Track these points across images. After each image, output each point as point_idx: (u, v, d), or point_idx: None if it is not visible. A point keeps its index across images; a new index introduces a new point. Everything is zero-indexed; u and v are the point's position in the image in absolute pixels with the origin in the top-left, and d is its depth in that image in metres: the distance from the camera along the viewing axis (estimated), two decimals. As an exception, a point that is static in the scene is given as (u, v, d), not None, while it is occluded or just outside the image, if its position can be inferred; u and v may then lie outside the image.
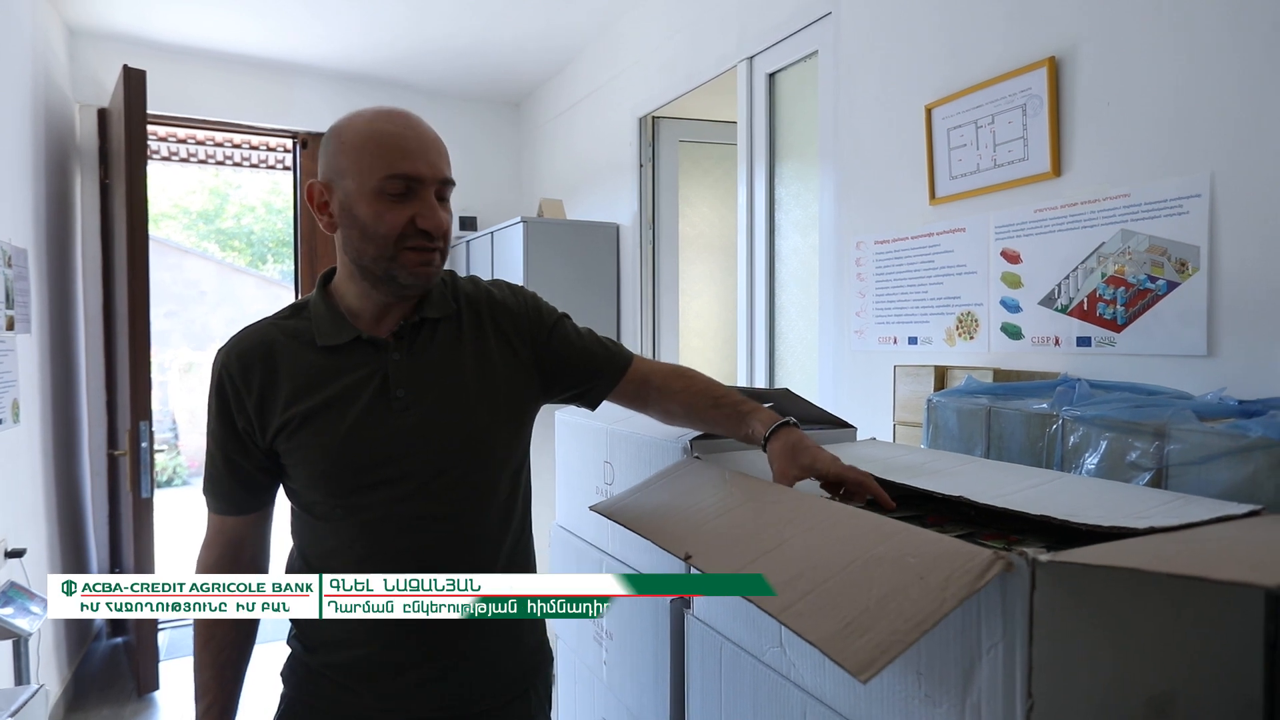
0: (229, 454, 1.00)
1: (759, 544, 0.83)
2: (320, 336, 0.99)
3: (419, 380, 0.99)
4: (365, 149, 0.93)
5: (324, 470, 0.96)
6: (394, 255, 0.94)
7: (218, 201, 13.21)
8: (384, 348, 0.99)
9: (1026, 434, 1.12)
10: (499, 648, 1.05)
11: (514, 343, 1.07)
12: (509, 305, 1.10)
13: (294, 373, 0.97)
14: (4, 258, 2.46)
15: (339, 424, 0.96)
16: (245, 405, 0.97)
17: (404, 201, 0.93)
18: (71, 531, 3.24)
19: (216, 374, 0.99)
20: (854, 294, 2.02)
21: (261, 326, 1.02)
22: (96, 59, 3.47)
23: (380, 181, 0.92)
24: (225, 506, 1.03)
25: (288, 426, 0.96)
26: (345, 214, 0.95)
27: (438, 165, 0.95)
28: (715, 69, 2.64)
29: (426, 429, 0.98)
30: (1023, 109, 1.54)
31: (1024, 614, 0.66)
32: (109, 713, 2.91)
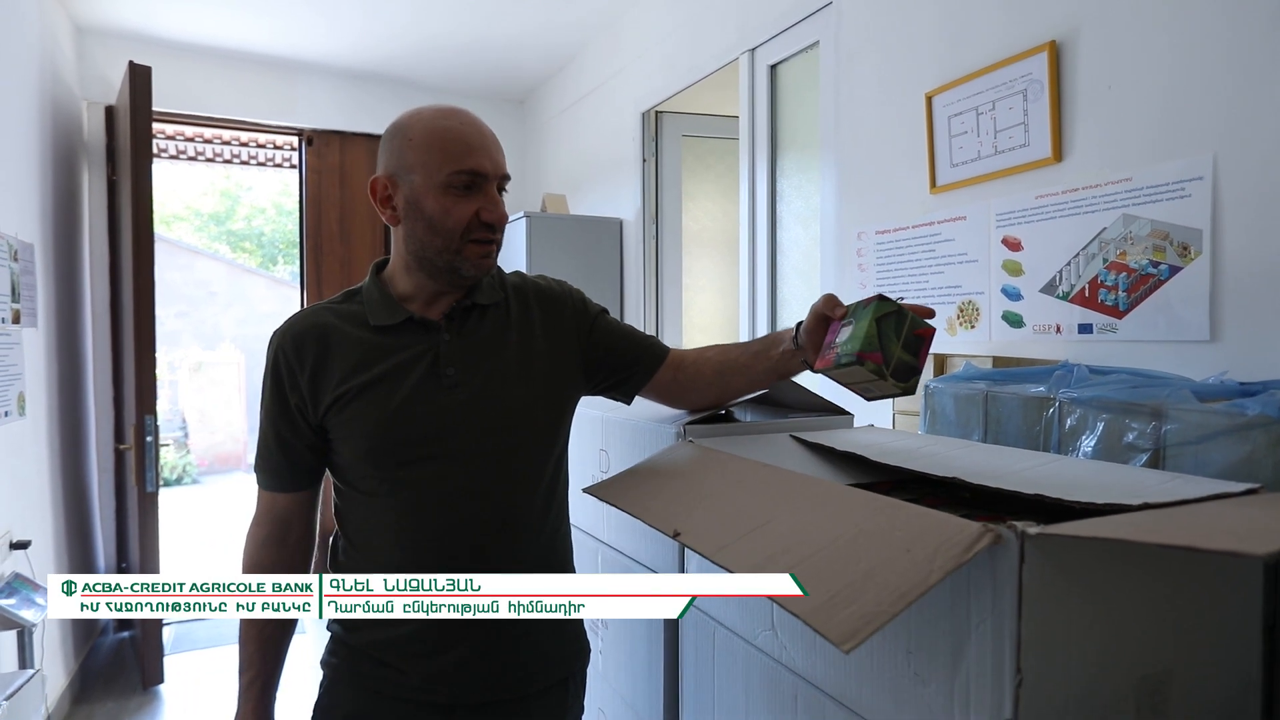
0: (281, 431, 1.03)
1: (748, 521, 0.83)
2: (373, 317, 1.03)
3: (467, 360, 1.03)
4: (433, 146, 0.97)
5: (375, 443, 0.99)
6: (459, 248, 0.99)
7: (229, 203, 13.32)
8: (435, 329, 1.03)
9: (1024, 418, 1.11)
10: (539, 635, 1.05)
11: (559, 331, 1.11)
12: (554, 294, 1.14)
13: (347, 351, 1.01)
14: (10, 252, 2.47)
15: (390, 398, 0.99)
16: (299, 381, 1.00)
17: (469, 196, 0.98)
18: (78, 524, 3.26)
19: (272, 353, 1.03)
20: (855, 285, 2.01)
21: (316, 309, 1.06)
22: (104, 56, 3.50)
23: (448, 176, 0.96)
24: (275, 483, 1.05)
25: (340, 400, 0.99)
26: (411, 208, 0.99)
27: (499, 161, 1.01)
28: (717, 62, 2.63)
29: (473, 406, 1.01)
30: (1023, 94, 1.52)
31: (1013, 588, 0.65)
32: (114, 705, 2.92)
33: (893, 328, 0.91)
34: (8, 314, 2.44)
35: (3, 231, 2.41)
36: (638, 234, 3.23)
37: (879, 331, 0.89)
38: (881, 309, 0.91)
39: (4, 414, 2.38)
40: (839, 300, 1.01)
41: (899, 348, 0.90)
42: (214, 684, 3.08)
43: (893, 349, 0.90)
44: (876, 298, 0.92)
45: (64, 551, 3.02)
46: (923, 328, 0.93)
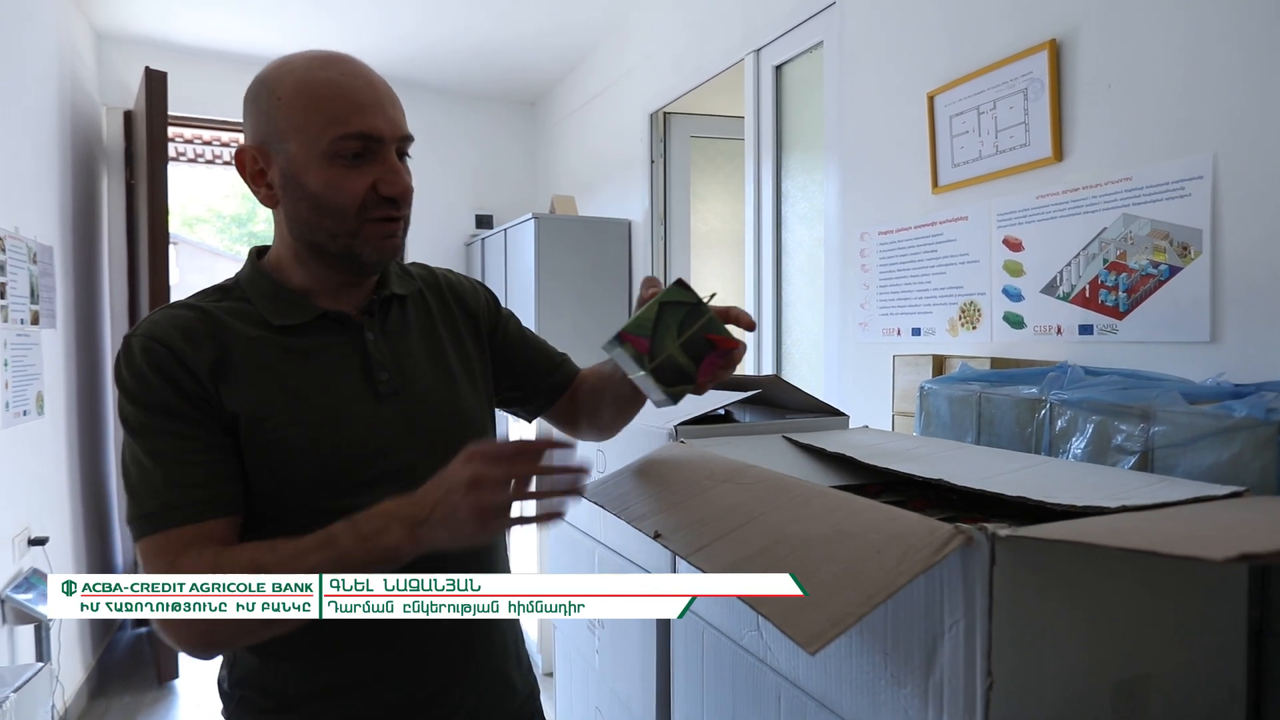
0: (191, 433, 0.75)
1: (727, 522, 0.83)
2: (273, 315, 0.82)
3: (400, 362, 0.87)
4: (309, 104, 0.77)
5: (304, 471, 0.78)
6: (355, 229, 0.79)
7: (249, 206, 13.50)
8: (354, 327, 0.85)
9: (1016, 419, 1.10)
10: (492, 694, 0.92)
11: (475, 326, 0.98)
12: (465, 287, 1.01)
13: (250, 356, 0.79)
14: (30, 255, 2.53)
15: (319, 415, 0.80)
16: (195, 372, 0.76)
17: (361, 165, 0.78)
18: (96, 522, 3.32)
19: (143, 350, 0.75)
20: (858, 285, 2.00)
21: (185, 305, 0.81)
22: (122, 62, 3.56)
23: (332, 143, 0.76)
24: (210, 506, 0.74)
25: (252, 420, 0.77)
26: (290, 184, 0.79)
27: (396, 119, 0.81)
28: (723, 63, 2.63)
29: (417, 416, 0.85)
30: (1024, 93, 1.51)
31: (984, 590, 0.65)
32: (130, 700, 2.97)
33: (678, 320, 0.77)
34: (27, 315, 2.49)
35: (22, 235, 2.47)
36: (646, 235, 3.23)
37: (658, 317, 0.76)
38: (670, 295, 0.77)
39: (23, 413, 2.43)
40: (655, 280, 0.85)
41: (675, 344, 0.77)
42: (228, 680, 3.13)
43: (666, 342, 0.76)
44: (675, 282, 0.79)
45: (82, 548, 3.08)
46: (721, 335, 0.78)
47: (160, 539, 0.73)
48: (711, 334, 0.78)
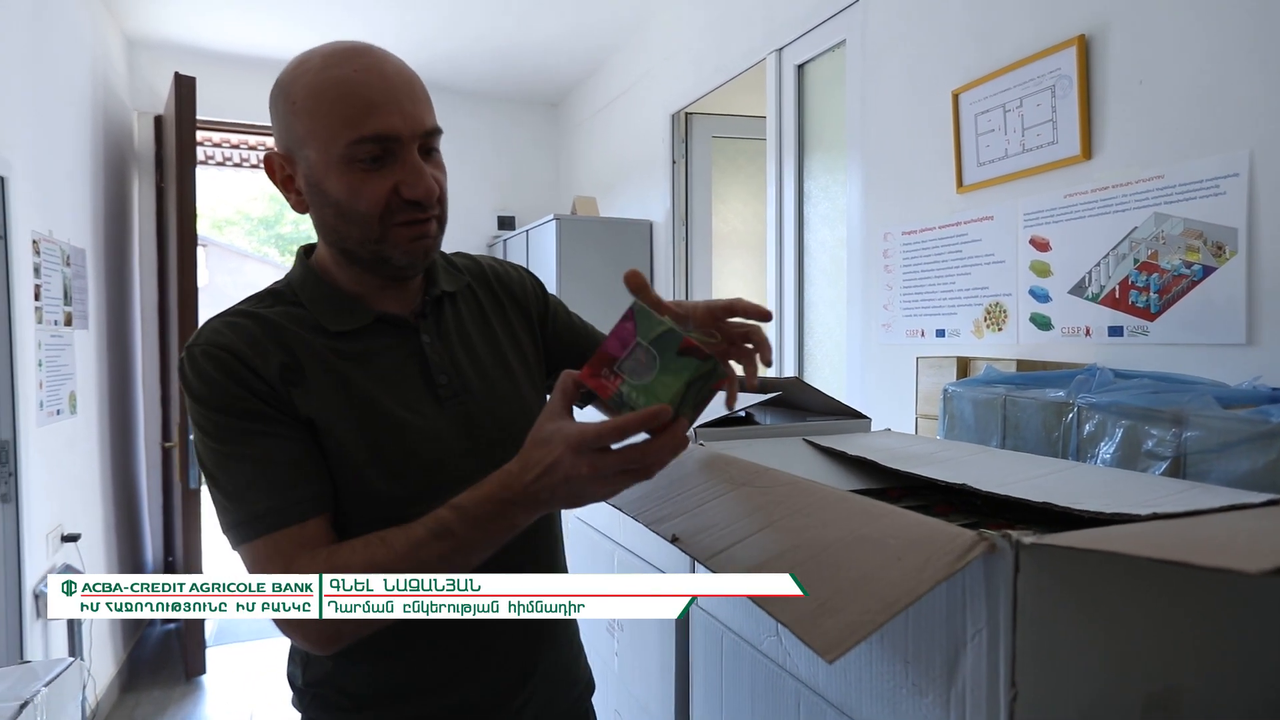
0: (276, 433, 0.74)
1: (746, 527, 0.82)
2: (330, 321, 0.80)
3: (458, 363, 0.85)
4: (321, 109, 0.73)
5: (370, 480, 0.77)
6: (381, 235, 0.76)
7: (277, 208, 13.71)
8: (409, 330, 0.83)
9: (1042, 423, 1.08)
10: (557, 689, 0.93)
11: (525, 319, 0.96)
12: (512, 277, 0.98)
13: (314, 362, 0.77)
14: (63, 257, 2.58)
15: (384, 424, 0.78)
16: (264, 376, 0.75)
17: (382, 168, 0.74)
18: (127, 519, 3.38)
19: (209, 358, 0.74)
20: (881, 286, 1.98)
21: (239, 313, 0.80)
22: (153, 68, 3.63)
23: (347, 148, 0.73)
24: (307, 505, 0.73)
25: (324, 424, 0.76)
26: (314, 191, 0.77)
27: (416, 114, 0.76)
28: (745, 62, 2.62)
29: (479, 417, 0.83)
30: (1051, 90, 1.48)
31: (1008, 599, 0.63)
32: (159, 694, 3.02)
33: (697, 391, 0.71)
34: (60, 317, 2.54)
35: (56, 238, 2.52)
36: (668, 236, 3.23)
37: (683, 398, 0.69)
38: (700, 370, 0.69)
39: (56, 412, 2.48)
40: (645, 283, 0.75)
41: (691, 411, 0.72)
42: (253, 676, 3.17)
43: (685, 412, 0.71)
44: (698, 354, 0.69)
45: (113, 545, 3.14)
46: (720, 380, 0.73)
47: (267, 543, 0.72)
48: (717, 383, 0.73)
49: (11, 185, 2.17)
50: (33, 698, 1.27)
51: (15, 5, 2.27)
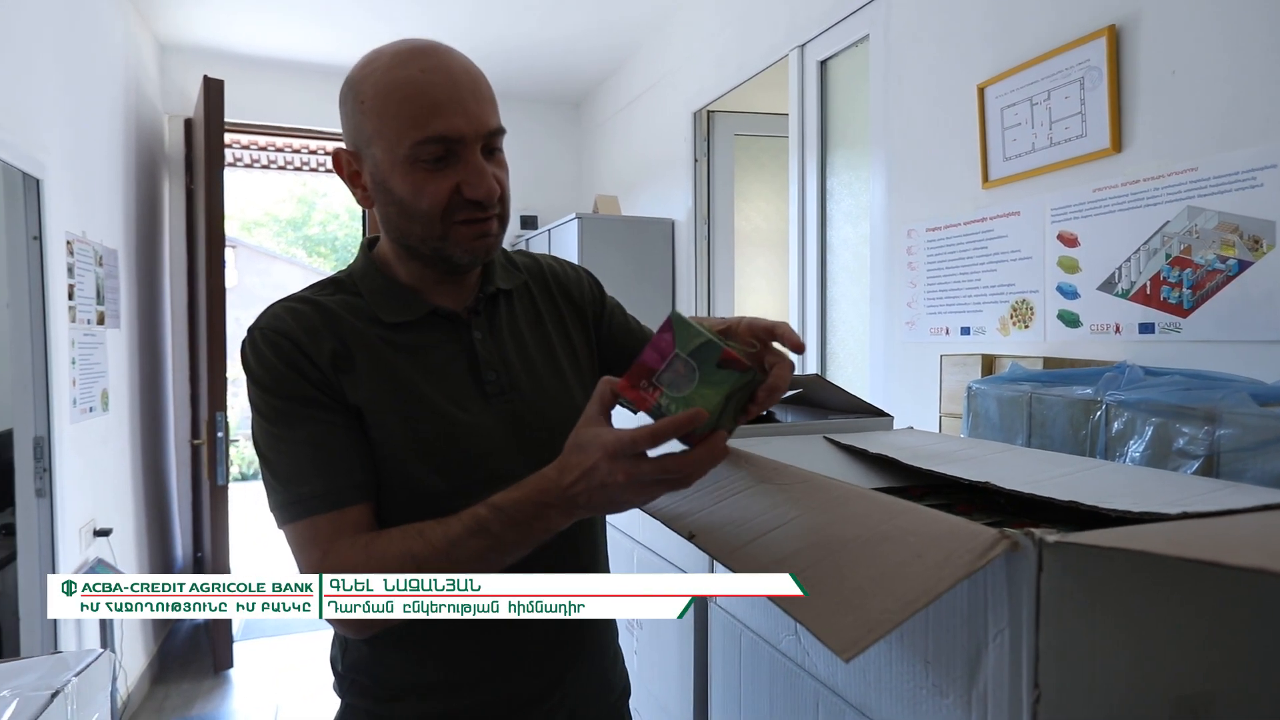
0: (328, 419, 0.76)
1: (763, 524, 0.81)
2: (386, 312, 0.82)
3: (508, 361, 0.85)
4: (388, 109, 0.75)
5: (412, 471, 0.78)
6: (444, 234, 0.78)
7: (305, 209, 13.90)
8: (462, 324, 0.85)
9: (1069, 421, 1.06)
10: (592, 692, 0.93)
11: (581, 319, 0.96)
12: (569, 276, 0.98)
13: (365, 351, 0.79)
14: (96, 257, 2.64)
15: (430, 416, 0.79)
16: (318, 363, 0.77)
17: (445, 167, 0.76)
18: (157, 514, 3.44)
19: (267, 342, 0.77)
20: (905, 284, 1.95)
21: (300, 299, 0.82)
22: (183, 72, 3.70)
23: (412, 149, 0.75)
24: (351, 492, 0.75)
25: (371, 412, 0.78)
26: (379, 189, 0.79)
27: (479, 115, 0.76)
28: (767, 59, 2.60)
29: (526, 416, 0.84)
30: (1080, 83, 1.45)
31: (1030, 598, 0.62)
32: (189, 687, 3.08)
33: (738, 402, 0.71)
34: (93, 316, 2.60)
35: (89, 238, 2.57)
36: (689, 234, 3.22)
37: (723, 408, 0.69)
38: (739, 382, 0.69)
39: (89, 409, 2.54)
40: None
41: (731, 422, 0.72)
42: (280, 670, 3.21)
43: (724, 421, 0.71)
44: (738, 366, 0.69)
45: (144, 540, 3.20)
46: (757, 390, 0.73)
47: (309, 525, 0.74)
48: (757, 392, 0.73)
49: (47, 187, 2.22)
50: (63, 687, 1.29)
51: (51, 12, 2.33)
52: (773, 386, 0.71)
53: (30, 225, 2.18)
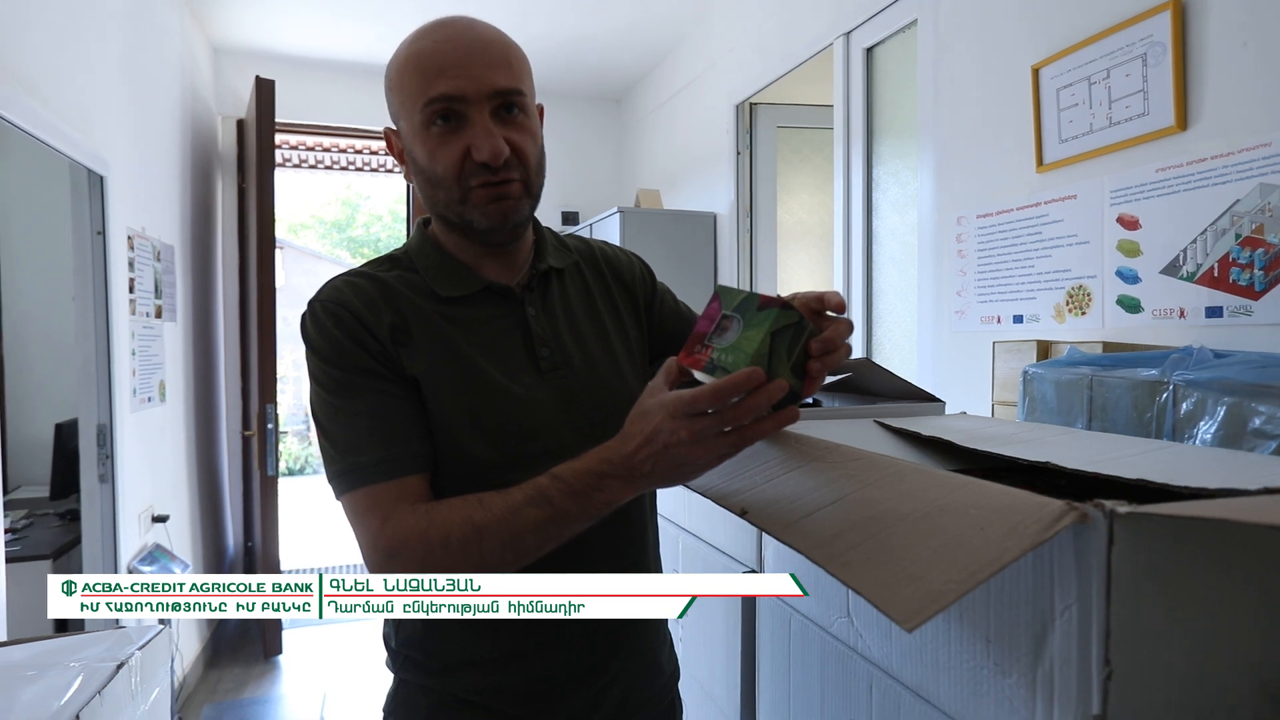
0: (388, 389, 0.77)
1: (817, 500, 0.80)
2: (442, 286, 0.82)
3: (560, 338, 0.86)
4: (406, 80, 0.78)
5: (466, 444, 0.78)
6: (463, 198, 0.78)
7: (349, 212, 14.19)
8: (515, 300, 0.85)
9: (1133, 403, 1.02)
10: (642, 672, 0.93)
11: (632, 303, 0.96)
12: (621, 261, 0.98)
13: (423, 324, 0.80)
14: (155, 253, 2.72)
15: (485, 389, 0.79)
16: (377, 335, 0.78)
17: (455, 131, 0.76)
18: (210, 503, 3.54)
19: (328, 314, 0.78)
20: (954, 272, 1.91)
21: (359, 273, 0.83)
22: (236, 74, 3.80)
23: (422, 113, 0.76)
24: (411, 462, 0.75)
25: (428, 384, 0.78)
26: (410, 161, 0.81)
27: (484, 75, 0.76)
28: (811, 48, 2.57)
29: (577, 392, 0.84)
30: (1142, 59, 1.40)
31: (1101, 573, 0.60)
32: (240, 671, 3.16)
33: (786, 345, 0.71)
34: (152, 309, 2.68)
35: (148, 234, 2.66)
36: (732, 227, 3.20)
37: (771, 349, 0.70)
38: (781, 320, 0.70)
39: (147, 399, 2.62)
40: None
41: (788, 371, 0.71)
42: (328, 657, 3.28)
43: (780, 371, 0.70)
44: (778, 304, 0.70)
45: (198, 528, 3.30)
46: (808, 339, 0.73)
47: (368, 494, 0.74)
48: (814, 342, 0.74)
49: (110, 184, 2.30)
50: (128, 659, 1.33)
51: (113, 19, 2.41)
52: (828, 339, 0.72)
53: (94, 221, 2.26)
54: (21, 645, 1.41)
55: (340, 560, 5.10)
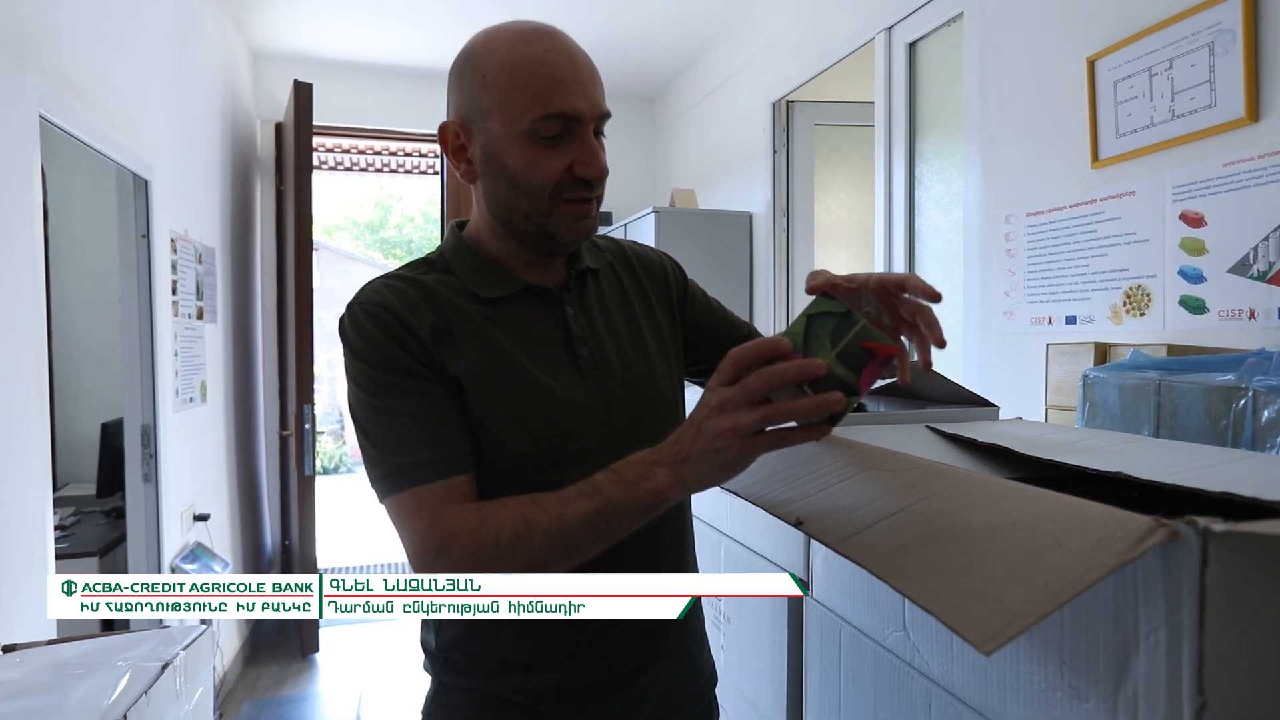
0: (430, 390, 0.76)
1: (876, 510, 0.76)
2: (481, 288, 0.83)
3: (599, 338, 0.86)
4: (513, 84, 0.76)
5: (508, 444, 0.78)
6: (550, 210, 0.79)
7: (382, 213, 14.37)
8: (554, 301, 0.86)
9: (1206, 411, 0.97)
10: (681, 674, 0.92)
11: (666, 302, 0.96)
12: (653, 260, 0.99)
13: (464, 325, 0.80)
14: (196, 255, 2.76)
15: (527, 389, 0.80)
16: (419, 336, 0.78)
17: (560, 145, 0.77)
18: (249, 502, 3.59)
19: (368, 315, 0.78)
20: (1003, 272, 1.85)
21: (397, 276, 0.83)
22: (275, 78, 3.85)
23: (533, 124, 0.76)
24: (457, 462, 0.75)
25: (471, 384, 0.78)
26: (490, 163, 0.80)
27: (596, 98, 0.79)
28: (851, 44, 2.52)
29: (616, 392, 0.84)
30: (1209, 48, 1.34)
31: (1193, 595, 0.56)
32: (278, 669, 3.20)
33: (829, 331, 0.70)
34: (193, 311, 2.72)
35: (190, 237, 2.70)
36: (768, 227, 3.16)
37: (807, 331, 0.69)
38: (819, 306, 0.70)
39: (189, 400, 2.66)
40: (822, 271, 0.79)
41: (832, 357, 0.69)
42: (364, 656, 3.31)
43: (818, 354, 0.69)
44: (820, 293, 0.72)
45: (237, 526, 3.34)
46: (879, 342, 0.71)
47: (414, 495, 0.74)
48: (868, 343, 0.71)
49: (155, 188, 2.34)
50: (173, 659, 1.34)
51: (159, 26, 2.45)
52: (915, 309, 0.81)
53: (139, 224, 2.30)
54: (71, 643, 1.43)
55: (375, 559, 5.15)
